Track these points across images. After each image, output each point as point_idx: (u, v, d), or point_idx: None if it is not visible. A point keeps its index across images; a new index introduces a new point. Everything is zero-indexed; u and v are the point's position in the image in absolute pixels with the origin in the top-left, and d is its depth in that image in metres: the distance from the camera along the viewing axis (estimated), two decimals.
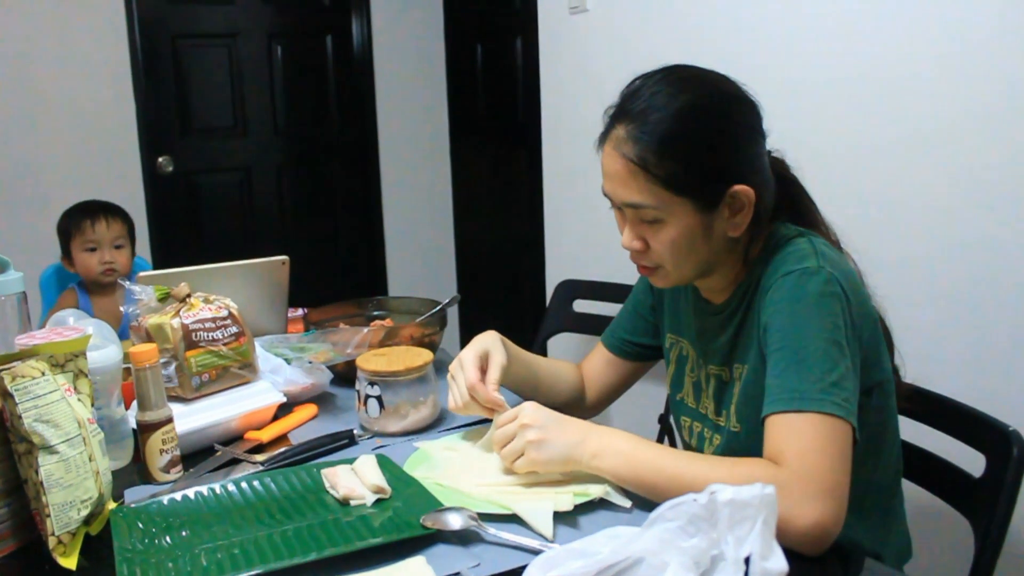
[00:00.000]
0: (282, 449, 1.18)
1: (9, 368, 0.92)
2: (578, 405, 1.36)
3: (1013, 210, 1.43)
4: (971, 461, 1.16)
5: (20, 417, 0.90)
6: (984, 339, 1.50)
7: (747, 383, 1.08)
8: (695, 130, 1.00)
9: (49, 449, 0.91)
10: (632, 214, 1.05)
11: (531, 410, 1.03)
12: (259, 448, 1.22)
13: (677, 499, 0.70)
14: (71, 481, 0.93)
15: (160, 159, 3.28)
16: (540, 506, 0.95)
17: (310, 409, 1.36)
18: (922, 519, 1.25)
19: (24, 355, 0.96)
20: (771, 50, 1.81)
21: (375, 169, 3.76)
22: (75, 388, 1.00)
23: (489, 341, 1.20)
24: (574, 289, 2.23)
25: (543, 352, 2.30)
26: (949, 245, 1.53)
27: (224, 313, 1.29)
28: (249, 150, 3.53)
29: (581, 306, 2.22)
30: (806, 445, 0.91)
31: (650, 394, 1.45)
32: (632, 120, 1.01)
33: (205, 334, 1.25)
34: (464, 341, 1.60)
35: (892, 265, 1.53)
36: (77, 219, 2.03)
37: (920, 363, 1.19)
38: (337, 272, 3.76)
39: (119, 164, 3.15)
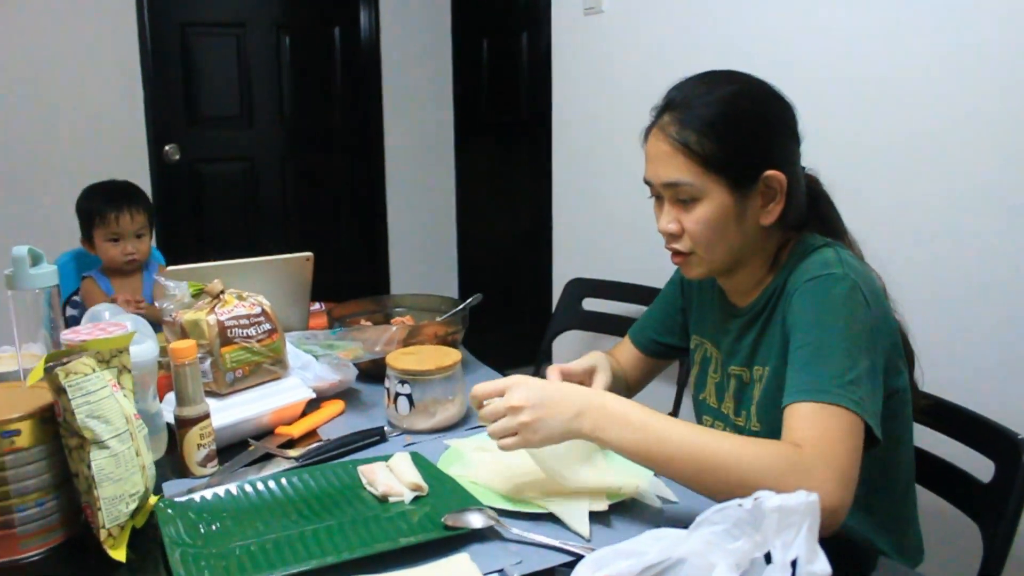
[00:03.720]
0: (315, 444, 1.21)
1: (64, 364, 0.94)
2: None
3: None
4: (981, 467, 1.21)
5: (73, 413, 0.92)
6: (994, 347, 1.53)
7: (768, 385, 1.12)
8: (735, 115, 1.08)
9: (100, 444, 0.94)
10: (670, 195, 1.11)
11: (520, 391, 0.99)
12: (290, 443, 1.25)
13: (722, 504, 0.74)
14: (120, 475, 0.95)
15: (167, 147, 3.28)
16: (576, 505, 0.99)
17: (337, 405, 1.39)
18: (932, 523, 1.29)
19: (74, 351, 0.98)
20: (788, 53, 1.83)
21: (379, 160, 3.77)
22: (120, 384, 1.02)
23: (599, 359, 1.29)
24: (584, 288, 2.26)
25: (548, 350, 2.33)
26: (957, 251, 1.56)
27: (258, 310, 1.31)
28: (254, 140, 3.54)
29: (590, 305, 2.25)
30: (825, 433, 0.95)
31: (659, 393, 1.48)
32: (677, 109, 1.09)
33: (240, 331, 1.27)
34: (469, 339, 1.63)
35: (901, 271, 1.56)
36: (101, 208, 2.04)
37: (930, 370, 1.22)
38: (339, 264, 3.77)
39: (127, 152, 3.15)
